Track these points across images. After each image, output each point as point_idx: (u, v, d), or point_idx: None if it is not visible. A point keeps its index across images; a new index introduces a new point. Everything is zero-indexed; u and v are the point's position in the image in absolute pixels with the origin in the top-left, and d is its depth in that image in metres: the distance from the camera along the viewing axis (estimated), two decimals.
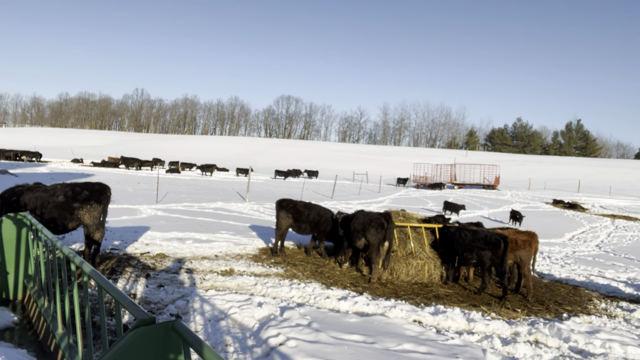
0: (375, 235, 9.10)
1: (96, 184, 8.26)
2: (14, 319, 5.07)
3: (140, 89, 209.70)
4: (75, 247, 9.47)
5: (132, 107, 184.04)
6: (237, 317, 5.96)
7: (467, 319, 6.78)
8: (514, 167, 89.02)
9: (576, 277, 10.79)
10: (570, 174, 79.02)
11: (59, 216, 7.74)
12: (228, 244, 11.28)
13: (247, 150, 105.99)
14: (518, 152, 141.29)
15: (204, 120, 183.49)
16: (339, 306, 7.01)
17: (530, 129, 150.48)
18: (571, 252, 14.52)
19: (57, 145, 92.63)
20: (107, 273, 7.85)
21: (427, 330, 6.10)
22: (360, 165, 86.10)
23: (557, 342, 6.17)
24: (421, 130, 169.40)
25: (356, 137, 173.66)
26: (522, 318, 7.31)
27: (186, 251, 10.14)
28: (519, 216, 20.45)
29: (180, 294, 6.89)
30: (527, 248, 8.87)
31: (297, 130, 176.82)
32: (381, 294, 8.18)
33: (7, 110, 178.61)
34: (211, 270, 8.64)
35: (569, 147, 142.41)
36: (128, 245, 10.17)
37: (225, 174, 51.94)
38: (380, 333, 5.75)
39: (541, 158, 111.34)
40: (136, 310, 2.45)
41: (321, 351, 4.94)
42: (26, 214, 5.70)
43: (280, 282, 8.17)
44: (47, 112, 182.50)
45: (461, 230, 9.17)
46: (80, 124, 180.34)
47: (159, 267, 8.53)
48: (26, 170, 32.89)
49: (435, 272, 9.56)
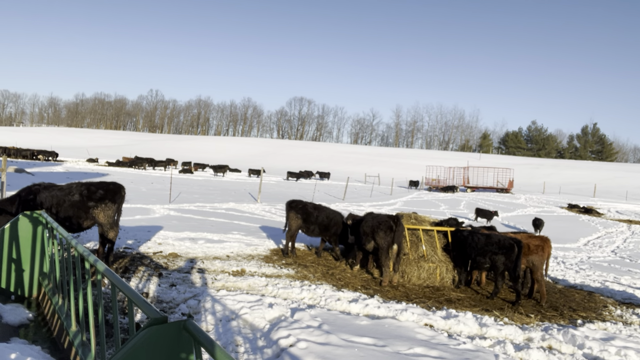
0: (384, 238, 9.06)
1: (111, 184, 8.36)
2: (29, 316, 5.14)
3: (155, 90, 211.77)
4: (90, 246, 9.59)
5: (146, 108, 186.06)
6: (248, 318, 5.97)
7: (479, 323, 6.71)
8: (529, 171, 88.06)
9: (591, 282, 10.63)
10: (586, 178, 77.92)
11: (74, 215, 7.84)
12: (239, 244, 11.33)
13: (260, 152, 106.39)
14: (533, 155, 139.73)
15: (217, 121, 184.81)
16: (349, 308, 6.99)
17: (545, 132, 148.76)
18: (586, 258, 14.31)
19: (73, 145, 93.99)
20: (121, 272, 7.94)
21: (438, 334, 6.05)
22: (372, 167, 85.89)
23: (571, 348, 6.08)
24: (434, 133, 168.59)
25: (368, 139, 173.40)
26: (536, 324, 7.22)
27: (198, 251, 10.20)
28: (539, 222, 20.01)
29: (192, 294, 6.94)
30: (539, 253, 8.76)
31: (309, 132, 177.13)
32: (392, 297, 8.14)
33: (24, 110, 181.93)
34: (223, 271, 8.68)
35: (585, 151, 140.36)
36: (141, 244, 10.27)
37: (238, 175, 52.19)
38: (391, 336, 5.72)
39: (556, 162, 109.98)
40: (149, 309, 2.46)
41: (331, 353, 4.92)
42: (42, 213, 5.78)
43: (291, 283, 8.17)
44: (64, 112, 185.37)
45: (474, 234, 9.09)
46: (95, 124, 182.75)
47: (171, 267, 8.60)
48: (42, 169, 33.42)
49: (447, 276, 9.49)
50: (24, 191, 7.76)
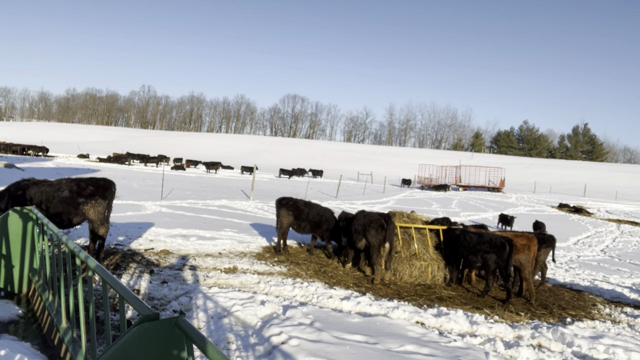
0: (375, 236, 9.09)
1: (101, 180, 8.29)
2: (19, 312, 5.10)
3: (147, 86, 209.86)
4: (80, 242, 9.52)
5: (138, 104, 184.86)
6: (240, 315, 5.97)
7: (470, 321, 6.76)
8: (520, 170, 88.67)
9: (580, 281, 10.74)
10: (576, 178, 78.63)
11: (64, 211, 7.78)
12: (232, 241, 11.30)
13: (253, 149, 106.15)
14: (524, 155, 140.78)
15: (210, 117, 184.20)
16: (341, 306, 7.01)
17: (536, 132, 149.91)
18: (576, 257, 14.45)
19: (63, 140, 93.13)
20: (112, 268, 7.89)
21: (429, 332, 6.08)
22: (365, 165, 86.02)
23: (561, 346, 6.14)
24: (427, 132, 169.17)
25: (361, 137, 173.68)
26: (526, 322, 7.28)
27: (190, 248, 10.17)
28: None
29: (183, 291, 6.91)
30: (525, 252, 8.85)
31: (302, 130, 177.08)
32: (384, 294, 8.17)
33: (14, 104, 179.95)
34: (215, 268, 8.66)
35: (576, 151, 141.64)
36: (132, 241, 10.21)
37: (230, 172, 52.01)
38: (382, 334, 5.74)
39: (547, 161, 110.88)
40: (140, 306, 2.45)
41: (323, 350, 4.93)
42: (32, 208, 5.73)
43: (283, 280, 8.17)
44: (55, 107, 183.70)
45: (466, 233, 9.14)
46: (87, 119, 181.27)
47: (162, 264, 8.56)
48: (33, 164, 33.09)
49: (439, 274, 9.54)
50: (13, 186, 7.68)
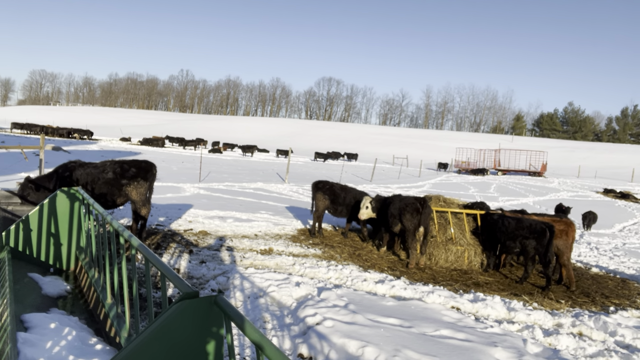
0: (410, 220, 9.01)
1: (143, 162, 8.55)
2: (67, 288, 5.36)
3: (186, 70, 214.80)
4: (123, 222, 9.89)
5: (177, 88, 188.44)
6: (276, 296, 6.08)
7: (507, 307, 6.64)
8: (563, 154, 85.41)
9: (625, 269, 10.32)
10: (624, 162, 75.01)
11: (108, 192, 8.08)
12: (267, 223, 11.47)
13: (288, 132, 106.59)
14: (568, 138, 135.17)
15: (245, 101, 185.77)
16: (375, 289, 7.02)
17: (582, 114, 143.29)
18: (621, 244, 13.88)
19: (106, 124, 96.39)
20: (153, 248, 8.17)
21: (465, 317, 6.02)
22: (400, 148, 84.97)
23: (603, 335, 5.96)
24: (465, 114, 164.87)
25: (397, 120, 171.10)
26: (566, 309, 7.08)
27: (227, 229, 10.39)
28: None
29: (221, 271, 7.10)
30: (563, 237, 8.56)
31: (337, 113, 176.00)
32: (419, 279, 8.12)
33: (60, 89, 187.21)
34: (251, 249, 8.83)
35: (624, 134, 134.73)
36: (172, 221, 10.52)
37: (266, 155, 52.55)
38: (417, 318, 5.72)
39: (593, 145, 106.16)
40: (181, 284, 2.53)
41: (357, 332, 4.97)
42: (79, 189, 5.97)
43: (318, 263, 8.25)
44: (98, 91, 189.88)
45: (504, 218, 8.92)
46: (128, 103, 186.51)
47: (201, 244, 8.79)
48: (78, 147, 34.45)
49: (475, 259, 9.38)
50: (61, 168, 8.03)
